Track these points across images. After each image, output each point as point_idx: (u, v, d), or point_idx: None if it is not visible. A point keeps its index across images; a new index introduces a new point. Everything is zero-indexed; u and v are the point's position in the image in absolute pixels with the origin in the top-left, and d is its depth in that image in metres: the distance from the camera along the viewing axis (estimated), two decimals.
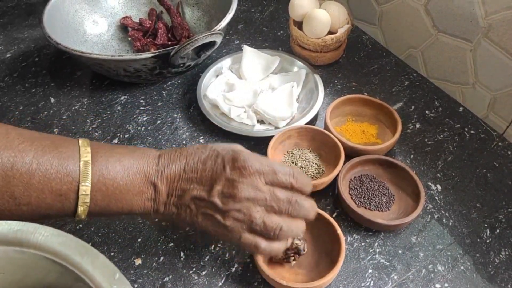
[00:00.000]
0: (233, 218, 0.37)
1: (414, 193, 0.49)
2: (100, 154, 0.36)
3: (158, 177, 0.38)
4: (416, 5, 0.64)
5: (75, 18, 0.70)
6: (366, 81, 0.68)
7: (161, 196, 0.38)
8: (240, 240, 0.38)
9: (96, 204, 0.35)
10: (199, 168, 0.38)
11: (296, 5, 0.67)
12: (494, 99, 0.58)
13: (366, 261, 0.46)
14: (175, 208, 0.38)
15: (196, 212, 0.38)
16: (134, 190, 0.37)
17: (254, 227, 0.37)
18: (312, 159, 0.54)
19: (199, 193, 0.37)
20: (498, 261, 0.46)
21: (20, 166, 0.32)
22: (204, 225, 0.38)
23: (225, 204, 0.36)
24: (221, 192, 0.37)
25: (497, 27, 0.54)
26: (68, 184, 0.33)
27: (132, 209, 0.37)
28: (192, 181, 0.38)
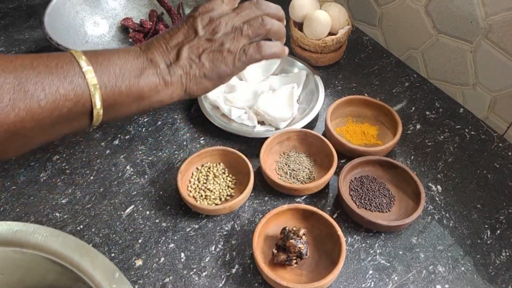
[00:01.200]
0: (228, 40, 0.41)
1: (415, 194, 0.49)
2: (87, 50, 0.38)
3: (148, 52, 0.40)
4: (416, 6, 0.64)
5: (76, 20, 0.70)
6: (367, 82, 0.68)
7: (160, 65, 0.39)
8: (245, 52, 0.41)
9: (106, 87, 0.36)
10: (175, 30, 0.42)
11: (296, 6, 0.67)
12: (494, 100, 0.58)
13: (366, 262, 0.46)
14: (180, 68, 0.40)
15: (199, 61, 0.40)
16: (131, 66, 0.38)
17: (246, 32, 0.41)
18: (306, 163, 0.55)
19: (190, 42, 0.41)
20: (498, 262, 0.46)
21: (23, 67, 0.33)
22: (213, 65, 0.41)
23: (214, 33, 0.41)
24: (205, 27, 0.41)
25: (497, 28, 0.54)
26: (73, 71, 0.35)
27: (139, 87, 0.38)
28: (177, 38, 0.41)
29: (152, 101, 0.39)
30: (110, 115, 0.37)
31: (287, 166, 0.54)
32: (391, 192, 0.51)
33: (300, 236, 0.44)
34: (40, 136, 0.35)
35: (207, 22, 0.41)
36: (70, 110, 0.34)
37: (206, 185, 0.52)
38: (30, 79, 0.33)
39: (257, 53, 0.42)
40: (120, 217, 0.51)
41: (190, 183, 0.52)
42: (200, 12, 0.42)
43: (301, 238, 0.43)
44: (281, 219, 0.48)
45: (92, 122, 0.37)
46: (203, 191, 0.51)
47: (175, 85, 0.40)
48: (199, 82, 0.41)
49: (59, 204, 0.52)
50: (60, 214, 0.51)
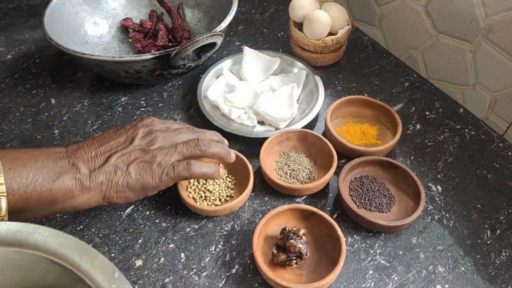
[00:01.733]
0: (161, 153, 0.42)
1: (415, 194, 0.49)
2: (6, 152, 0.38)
3: (71, 157, 0.39)
4: (416, 6, 0.64)
5: (76, 20, 0.71)
6: (367, 82, 0.68)
7: (81, 170, 0.39)
8: (174, 168, 0.42)
9: (14, 194, 0.35)
10: (113, 136, 0.42)
11: (296, 6, 0.67)
12: (494, 100, 0.58)
13: (366, 262, 0.46)
14: (102, 174, 0.39)
15: (126, 169, 0.40)
16: (48, 171, 0.37)
17: (180, 150, 0.43)
18: (305, 163, 0.54)
19: (123, 150, 0.41)
20: (498, 262, 0.46)
21: None
22: (139, 175, 0.40)
23: (150, 145, 0.42)
24: (142, 138, 0.42)
25: (497, 28, 0.54)
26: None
27: (52, 192, 0.37)
28: (111, 146, 0.41)
29: (65, 206, 0.39)
30: (17, 217, 0.36)
31: (287, 166, 0.54)
32: (391, 192, 0.51)
33: (300, 236, 0.44)
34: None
35: (146, 133, 0.43)
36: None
37: (205, 186, 0.52)
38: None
39: (186, 171, 0.43)
40: (120, 217, 0.51)
41: (190, 184, 0.52)
42: (144, 124, 0.44)
43: (301, 238, 0.43)
44: (281, 219, 0.48)
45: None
46: (203, 192, 0.51)
47: (93, 191, 0.39)
48: (120, 191, 0.40)
49: None
50: (60, 214, 0.51)
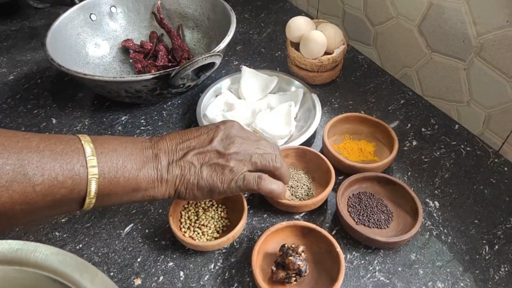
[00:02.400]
0: (235, 159, 0.42)
1: (412, 210, 0.50)
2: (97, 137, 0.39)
3: (155, 148, 0.40)
4: (409, 26, 0.66)
5: (78, 41, 0.72)
6: (363, 100, 0.69)
7: (162, 161, 0.40)
8: (244, 178, 0.42)
9: (104, 177, 0.36)
10: (194, 133, 0.43)
11: (293, 27, 0.69)
12: (489, 117, 0.59)
13: (366, 279, 0.46)
14: (178, 168, 0.40)
15: (200, 167, 0.41)
16: (135, 159, 0.39)
17: (254, 160, 0.42)
18: (304, 180, 0.55)
19: (201, 148, 0.41)
20: (498, 277, 0.46)
21: (29, 148, 0.33)
22: (209, 177, 0.41)
23: (226, 149, 0.42)
24: (221, 141, 0.42)
25: (489, 47, 0.55)
26: (76, 159, 0.35)
27: (138, 180, 0.38)
28: (190, 142, 0.42)
29: (145, 195, 0.40)
30: (102, 203, 0.38)
31: None
32: (389, 208, 0.52)
33: (299, 253, 0.44)
34: (27, 217, 0.34)
35: (225, 136, 0.43)
36: (63, 196, 0.34)
37: (199, 221, 0.50)
38: (32, 163, 0.32)
39: (255, 184, 0.42)
40: (119, 235, 0.51)
41: (182, 224, 0.50)
42: (227, 126, 0.44)
43: (300, 255, 0.44)
44: (280, 236, 0.48)
45: (83, 208, 0.37)
46: (198, 229, 0.49)
47: (169, 183, 0.40)
48: (190, 188, 0.41)
49: (58, 223, 0.52)
50: (60, 233, 0.51)
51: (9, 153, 0.32)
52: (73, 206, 0.36)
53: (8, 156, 0.32)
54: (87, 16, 0.74)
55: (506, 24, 0.52)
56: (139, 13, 0.78)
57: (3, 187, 0.31)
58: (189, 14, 0.78)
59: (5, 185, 0.31)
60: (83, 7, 0.73)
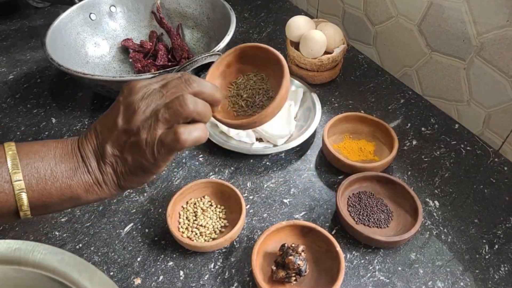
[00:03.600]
0: (143, 128, 0.36)
1: (412, 209, 0.50)
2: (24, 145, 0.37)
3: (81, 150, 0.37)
4: (409, 25, 0.66)
5: (77, 41, 0.72)
6: (363, 99, 0.69)
7: (91, 163, 0.37)
8: (162, 142, 0.36)
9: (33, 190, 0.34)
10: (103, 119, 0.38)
11: (292, 26, 0.69)
12: (488, 116, 0.59)
13: (366, 278, 0.46)
14: (108, 166, 0.37)
15: (122, 156, 0.37)
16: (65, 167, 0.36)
17: (162, 117, 0.35)
18: (258, 84, 0.45)
19: (111, 136, 0.37)
20: (497, 277, 0.46)
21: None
22: (134, 160, 0.37)
23: (130, 122, 0.36)
24: (123, 116, 0.37)
25: (489, 46, 0.55)
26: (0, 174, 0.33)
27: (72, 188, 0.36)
28: (104, 133, 0.38)
29: (90, 198, 0.37)
30: (42, 212, 0.36)
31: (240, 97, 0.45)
32: (389, 208, 0.52)
33: (299, 252, 0.44)
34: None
35: (126, 107, 0.37)
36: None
37: (197, 222, 0.50)
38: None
39: (176, 143, 0.35)
40: (119, 235, 0.51)
41: (180, 224, 0.50)
42: (124, 95, 0.38)
43: (300, 255, 0.43)
44: (280, 236, 0.48)
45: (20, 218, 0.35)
46: (197, 229, 0.49)
47: (108, 184, 0.37)
48: (127, 179, 0.38)
49: (58, 222, 0.52)
50: (59, 233, 0.51)
51: None
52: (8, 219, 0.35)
53: None
54: (87, 16, 0.73)
55: (506, 23, 0.52)
56: (138, 13, 0.78)
57: None
58: (188, 13, 0.78)
59: None
60: (82, 6, 0.73)
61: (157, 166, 0.37)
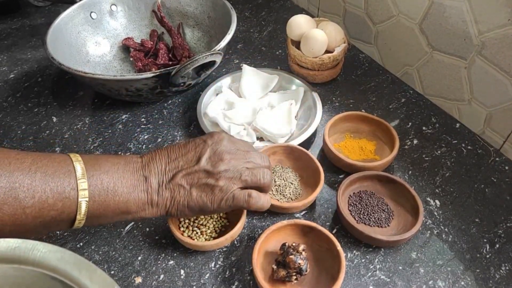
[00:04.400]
0: (224, 178, 0.41)
1: (413, 209, 0.50)
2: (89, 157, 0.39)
3: (145, 170, 0.40)
4: (410, 24, 0.65)
5: (78, 40, 0.72)
6: (364, 99, 0.69)
7: (152, 184, 0.40)
8: (234, 197, 0.41)
9: (94, 200, 0.36)
10: (182, 151, 0.42)
11: (293, 25, 0.69)
12: (490, 115, 0.59)
13: (366, 277, 0.46)
14: (168, 191, 0.40)
15: (189, 189, 0.40)
16: (126, 182, 0.38)
17: (244, 178, 0.42)
18: (291, 179, 0.54)
19: (188, 168, 0.41)
20: (498, 276, 0.46)
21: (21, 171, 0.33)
22: (199, 197, 0.40)
23: (215, 167, 0.41)
24: (209, 158, 0.41)
25: (490, 45, 0.55)
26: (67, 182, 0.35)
27: (128, 204, 0.38)
28: (178, 162, 0.41)
29: (136, 217, 0.40)
30: (91, 223, 0.38)
31: (273, 181, 0.54)
32: (390, 207, 0.52)
33: (300, 251, 0.44)
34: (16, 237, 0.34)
35: (213, 153, 0.42)
36: (53, 218, 0.34)
37: (198, 221, 0.50)
38: (23, 185, 0.32)
39: (245, 203, 0.42)
40: (120, 234, 0.51)
41: (181, 223, 0.50)
42: (214, 141, 0.43)
43: (300, 254, 0.43)
44: (281, 235, 0.48)
45: (72, 227, 0.37)
46: (197, 228, 0.49)
47: (159, 206, 0.40)
48: (181, 209, 0.41)
49: None
50: (60, 232, 0.51)
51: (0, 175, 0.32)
52: (62, 226, 0.37)
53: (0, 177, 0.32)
54: (88, 15, 0.73)
55: (508, 22, 0.52)
56: (139, 12, 0.78)
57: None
58: (189, 12, 0.78)
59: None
60: (83, 5, 0.73)
61: (213, 211, 0.42)
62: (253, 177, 0.42)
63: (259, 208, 0.43)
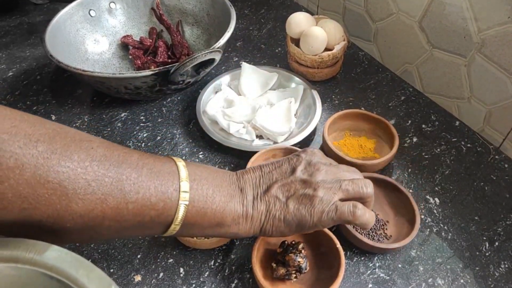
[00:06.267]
0: (323, 188, 0.37)
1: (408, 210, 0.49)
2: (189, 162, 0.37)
3: (240, 182, 0.38)
4: (410, 22, 0.65)
5: (77, 37, 0.72)
6: (363, 96, 0.69)
7: (247, 196, 0.38)
8: (337, 208, 0.37)
9: (193, 206, 0.34)
10: (276, 166, 0.40)
11: (293, 23, 0.68)
12: (489, 113, 0.59)
13: (366, 275, 0.46)
14: (263, 204, 0.37)
15: (285, 201, 0.37)
16: (224, 191, 0.37)
17: (345, 187, 0.38)
18: None
19: (284, 179, 0.38)
20: (498, 274, 0.46)
21: (128, 164, 0.32)
22: (296, 210, 0.37)
23: (312, 177, 0.38)
24: (304, 169, 0.39)
25: (490, 43, 0.55)
26: (171, 182, 0.33)
27: (224, 214, 0.36)
28: (273, 175, 0.39)
29: (228, 231, 0.38)
30: (183, 232, 0.36)
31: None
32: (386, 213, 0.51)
33: (299, 250, 0.44)
34: (110, 235, 0.33)
35: (308, 163, 0.40)
36: (152, 218, 0.33)
37: None
38: (130, 179, 0.31)
39: (350, 215, 0.37)
40: None
41: None
42: (308, 154, 0.41)
43: (300, 252, 0.43)
44: None
45: (165, 233, 0.35)
46: None
47: (254, 220, 0.38)
48: (276, 225, 0.38)
49: None
50: None
51: (109, 165, 0.30)
52: (156, 229, 0.35)
53: (108, 168, 0.30)
54: (86, 12, 0.73)
55: (508, 20, 0.51)
56: (138, 9, 0.78)
57: (99, 200, 0.29)
58: (188, 10, 0.78)
59: (101, 197, 0.29)
60: (82, 3, 0.72)
61: (313, 226, 0.38)
62: (355, 186, 0.39)
63: (364, 223, 0.38)
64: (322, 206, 0.37)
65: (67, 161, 0.28)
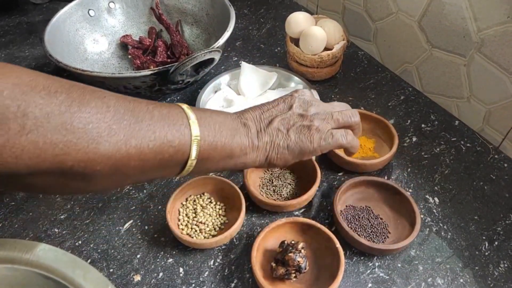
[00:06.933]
0: (318, 119, 0.43)
1: (408, 212, 0.49)
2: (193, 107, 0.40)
3: (242, 118, 0.42)
4: (410, 21, 0.65)
5: (76, 37, 0.72)
6: (363, 96, 0.69)
7: (251, 129, 0.41)
8: (332, 135, 0.43)
9: (205, 141, 0.37)
10: (273, 105, 0.44)
11: (292, 22, 0.68)
12: (489, 113, 0.59)
13: (365, 275, 0.46)
14: (267, 136, 0.42)
15: (286, 132, 0.42)
16: (229, 125, 0.40)
17: (336, 117, 0.44)
18: (289, 180, 0.55)
19: (283, 114, 0.43)
20: (497, 273, 0.46)
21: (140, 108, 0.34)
22: (298, 139, 0.42)
23: (307, 111, 0.44)
24: (300, 105, 0.44)
25: (490, 42, 0.55)
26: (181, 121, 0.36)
27: (232, 146, 0.39)
28: (272, 112, 0.44)
29: (238, 162, 0.41)
30: (198, 168, 0.38)
31: (270, 181, 0.55)
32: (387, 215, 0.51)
33: (299, 249, 0.44)
34: (136, 176, 0.35)
35: (302, 101, 0.45)
36: (170, 156, 0.35)
37: (197, 219, 0.50)
38: (145, 120, 0.34)
39: (344, 139, 0.43)
40: (119, 232, 0.51)
41: (180, 221, 0.50)
42: (300, 94, 0.45)
43: (299, 252, 0.43)
44: (280, 233, 0.48)
45: (182, 172, 0.38)
46: (196, 226, 0.49)
47: (260, 150, 0.41)
48: (281, 152, 0.42)
49: (58, 219, 0.52)
50: (59, 230, 0.51)
51: (124, 110, 0.33)
52: (175, 169, 0.37)
53: (124, 113, 0.33)
54: (86, 12, 0.73)
55: (507, 19, 0.51)
56: (137, 9, 0.78)
57: (122, 141, 0.32)
58: (188, 9, 0.78)
59: (123, 138, 0.32)
60: (81, 2, 0.72)
61: (313, 151, 0.43)
62: (344, 116, 0.44)
63: (353, 146, 0.45)
64: (319, 134, 0.42)
65: (87, 107, 0.31)
